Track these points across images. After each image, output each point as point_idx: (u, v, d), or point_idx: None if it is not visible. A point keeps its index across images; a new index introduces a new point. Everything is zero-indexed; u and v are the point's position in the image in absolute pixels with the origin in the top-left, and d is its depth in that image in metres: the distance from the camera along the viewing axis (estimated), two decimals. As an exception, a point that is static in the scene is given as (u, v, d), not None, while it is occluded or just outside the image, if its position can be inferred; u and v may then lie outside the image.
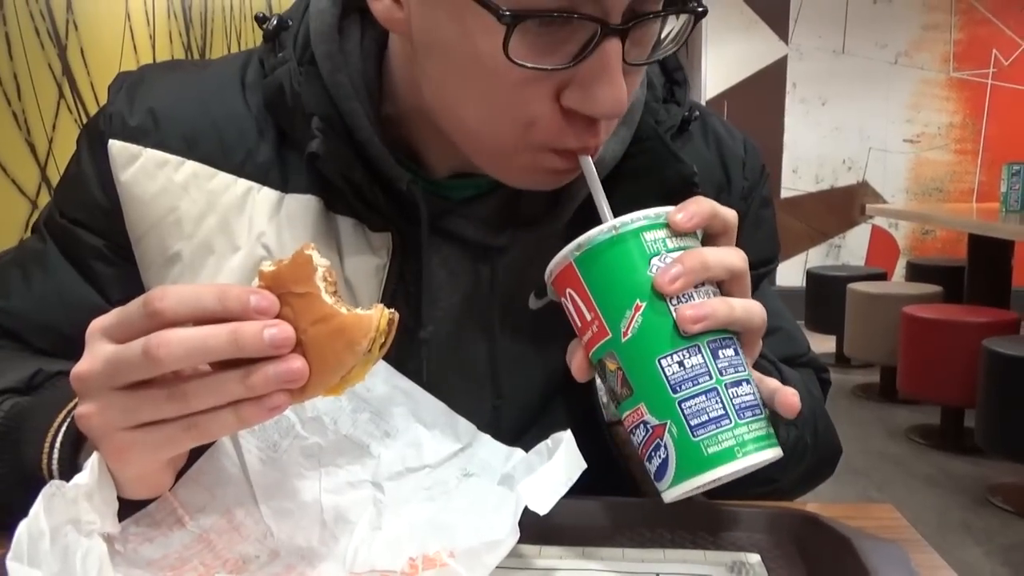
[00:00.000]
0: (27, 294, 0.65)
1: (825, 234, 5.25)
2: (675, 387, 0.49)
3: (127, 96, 0.65)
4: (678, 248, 0.50)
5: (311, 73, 0.61)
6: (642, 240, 0.50)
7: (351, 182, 0.60)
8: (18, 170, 1.60)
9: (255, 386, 0.45)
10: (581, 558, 0.55)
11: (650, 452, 0.50)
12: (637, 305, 0.49)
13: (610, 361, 0.50)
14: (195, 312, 0.45)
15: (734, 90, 5.11)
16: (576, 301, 0.51)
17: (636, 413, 0.50)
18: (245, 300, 0.45)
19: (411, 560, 0.49)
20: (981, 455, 3.17)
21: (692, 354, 0.49)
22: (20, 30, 1.61)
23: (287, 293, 0.47)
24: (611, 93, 0.52)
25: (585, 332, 0.52)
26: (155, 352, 0.44)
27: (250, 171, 0.64)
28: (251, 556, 0.53)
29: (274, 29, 0.64)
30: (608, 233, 0.50)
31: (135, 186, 0.63)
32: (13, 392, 0.59)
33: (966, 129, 5.13)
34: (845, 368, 4.38)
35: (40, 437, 0.53)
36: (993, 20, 5.01)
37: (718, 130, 0.74)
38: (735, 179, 0.73)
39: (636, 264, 0.50)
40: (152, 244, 0.64)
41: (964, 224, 3.72)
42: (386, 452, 0.59)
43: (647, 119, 0.66)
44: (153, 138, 0.63)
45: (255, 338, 0.44)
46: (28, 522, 0.43)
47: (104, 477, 0.48)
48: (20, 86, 1.61)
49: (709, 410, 0.48)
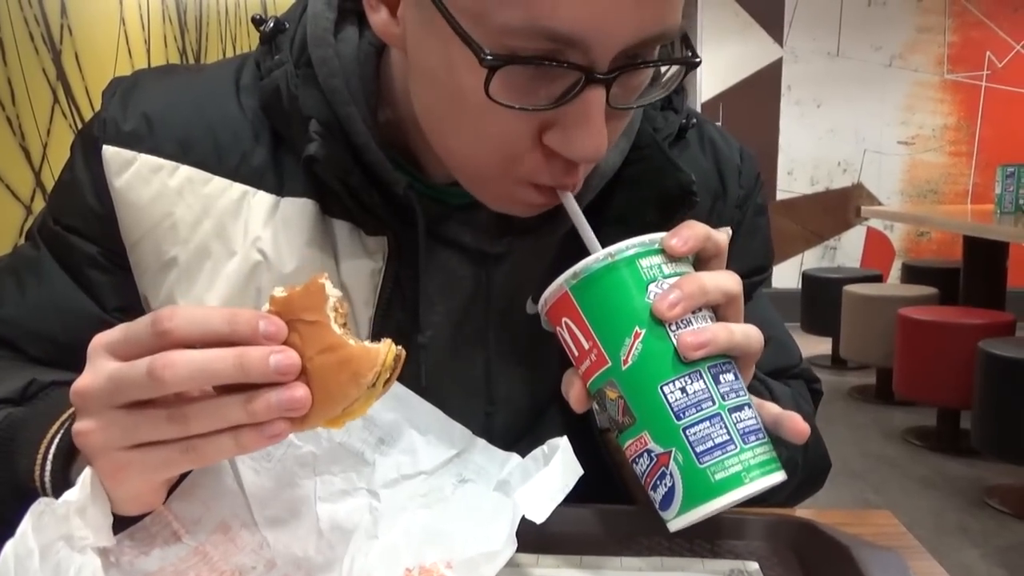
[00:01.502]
0: (21, 302, 0.65)
1: (820, 236, 5.26)
2: (679, 414, 0.48)
3: (121, 101, 0.64)
4: (674, 273, 0.50)
5: (308, 76, 0.61)
6: (638, 267, 0.50)
7: (348, 186, 0.60)
8: (12, 175, 1.60)
9: (256, 413, 0.45)
10: (579, 567, 0.55)
11: (655, 481, 0.49)
12: (636, 332, 0.48)
13: (610, 390, 0.50)
14: (204, 334, 0.45)
15: (729, 93, 5.11)
16: (573, 330, 0.51)
17: (639, 442, 0.49)
18: (254, 324, 0.45)
19: (407, 572, 0.48)
20: (977, 457, 3.18)
21: (694, 380, 0.48)
22: (14, 34, 1.60)
23: (297, 320, 0.46)
24: (590, 140, 0.51)
25: (583, 361, 0.51)
26: (160, 373, 0.44)
27: (245, 175, 0.63)
28: (248, 567, 0.53)
29: (271, 32, 0.63)
30: (604, 261, 0.49)
31: (129, 192, 0.62)
32: (7, 403, 0.59)
33: (960, 131, 5.14)
34: (841, 370, 4.38)
35: (33, 449, 0.52)
36: (987, 22, 5.03)
37: (714, 138, 0.74)
38: (731, 187, 0.73)
39: (633, 291, 0.49)
40: (147, 250, 0.63)
41: (959, 226, 3.72)
42: (381, 459, 0.58)
43: (645, 127, 0.66)
44: (147, 143, 0.63)
45: (260, 364, 0.44)
46: (15, 541, 0.42)
47: (97, 491, 0.48)
48: (14, 91, 1.61)
49: (714, 436, 0.48)
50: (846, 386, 4.20)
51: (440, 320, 0.66)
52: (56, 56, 1.74)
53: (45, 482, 0.52)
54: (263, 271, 0.63)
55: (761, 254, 0.76)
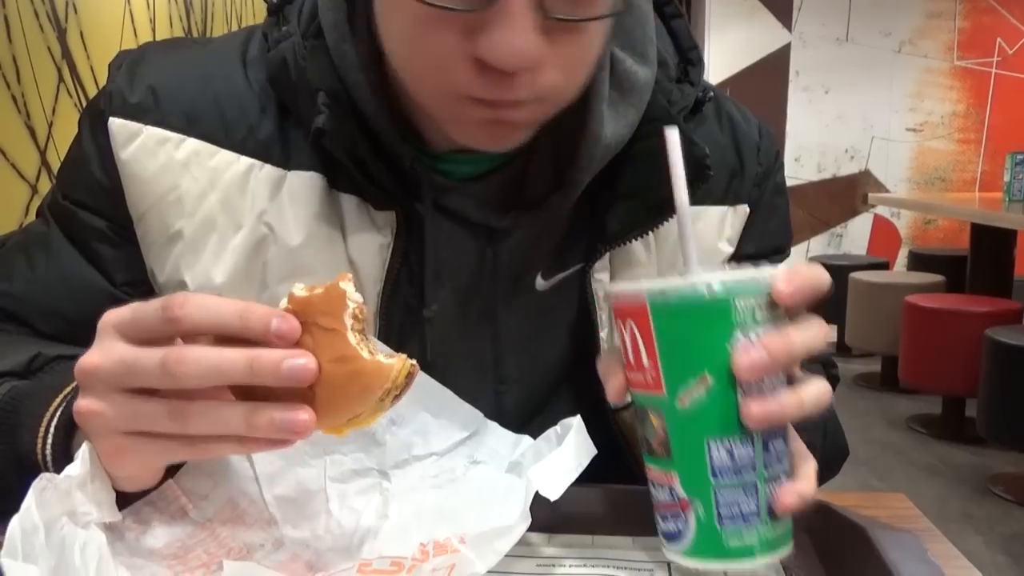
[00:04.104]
0: (31, 277, 0.65)
1: (827, 223, 5.23)
2: (716, 473, 0.46)
3: (127, 74, 0.64)
4: (766, 321, 0.45)
5: (316, 47, 0.60)
6: (732, 307, 0.45)
7: (356, 159, 0.59)
8: (18, 154, 1.59)
9: (258, 428, 0.44)
10: (591, 546, 0.54)
11: (667, 515, 0.48)
12: (704, 377, 0.45)
13: (654, 416, 0.47)
14: (214, 325, 0.44)
15: (737, 78, 5.08)
16: (636, 339, 0.47)
17: (665, 476, 0.47)
18: (267, 322, 0.44)
19: (422, 546, 0.48)
20: (982, 444, 3.18)
21: (744, 444, 0.46)
22: (19, 13, 1.59)
23: (313, 323, 0.45)
24: (511, 41, 0.48)
25: (635, 372, 0.48)
26: (172, 368, 0.43)
27: (252, 148, 0.63)
28: (256, 545, 0.52)
29: (278, 2, 0.63)
30: (700, 294, 0.45)
31: (135, 164, 0.62)
32: (11, 376, 0.59)
33: (969, 118, 5.10)
34: (846, 357, 4.38)
35: (36, 423, 0.52)
36: (998, 8, 4.98)
37: (732, 113, 0.72)
38: (748, 164, 0.72)
39: (718, 333, 0.45)
40: (153, 223, 0.63)
41: (967, 214, 3.70)
42: (392, 440, 0.58)
43: (659, 99, 0.65)
44: (153, 116, 0.62)
45: (273, 369, 0.43)
46: (20, 516, 0.42)
47: (96, 467, 0.47)
48: (19, 70, 1.60)
49: (743, 505, 0.46)
50: (851, 373, 4.19)
51: (446, 295, 0.65)
52: (61, 34, 1.72)
53: (47, 455, 0.51)
54: (270, 244, 0.62)
55: (780, 235, 0.75)
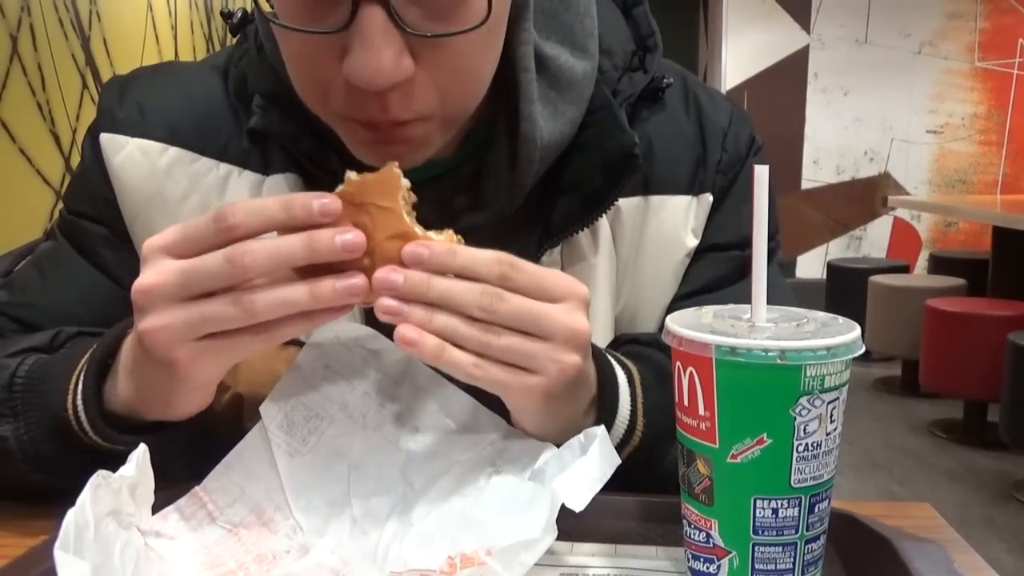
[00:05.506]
0: (44, 287, 0.69)
1: (846, 226, 5.20)
2: (759, 530, 0.46)
3: (118, 94, 0.69)
4: (832, 388, 0.45)
5: (263, 58, 0.64)
6: (801, 374, 0.44)
7: (304, 153, 0.63)
8: (43, 160, 1.61)
9: (321, 298, 0.48)
10: (614, 556, 0.54)
11: (700, 556, 0.48)
12: (761, 439, 0.45)
13: (702, 463, 0.47)
14: (264, 222, 0.48)
15: (755, 80, 5.06)
16: (696, 386, 0.46)
17: (704, 521, 0.48)
18: (308, 205, 0.48)
19: (450, 559, 0.48)
20: (1005, 450, 3.14)
21: (791, 506, 0.46)
22: (44, 21, 1.61)
23: (370, 204, 0.49)
24: (366, 60, 0.50)
25: (689, 417, 0.47)
26: (241, 260, 0.47)
27: (232, 156, 0.67)
28: (281, 551, 0.53)
29: (238, 22, 0.68)
30: (771, 358, 0.44)
31: (123, 173, 0.67)
32: (36, 351, 0.62)
33: (991, 120, 5.05)
34: (866, 362, 4.34)
35: (64, 384, 0.56)
36: (1019, 9, 4.93)
37: (701, 100, 0.71)
38: (712, 150, 0.70)
39: (783, 398, 0.45)
40: (142, 227, 0.67)
41: (988, 216, 3.67)
42: (415, 447, 0.58)
43: (602, 90, 0.65)
44: (139, 129, 0.67)
45: (329, 243, 0.47)
46: (75, 511, 0.43)
47: (145, 470, 0.48)
48: (44, 77, 1.62)
49: (779, 563, 0.46)
50: (871, 378, 4.16)
51: None
52: (85, 42, 1.74)
53: (77, 404, 0.54)
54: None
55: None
